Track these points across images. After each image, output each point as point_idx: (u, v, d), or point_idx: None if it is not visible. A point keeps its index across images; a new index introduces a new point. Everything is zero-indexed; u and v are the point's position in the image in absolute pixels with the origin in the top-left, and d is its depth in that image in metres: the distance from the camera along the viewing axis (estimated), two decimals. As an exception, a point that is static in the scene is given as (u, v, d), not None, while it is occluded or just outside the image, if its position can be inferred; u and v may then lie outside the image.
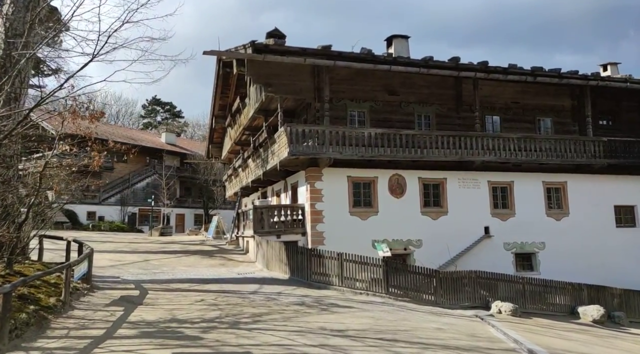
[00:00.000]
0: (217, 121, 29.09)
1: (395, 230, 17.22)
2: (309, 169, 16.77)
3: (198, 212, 50.15)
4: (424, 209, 17.80)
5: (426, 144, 17.03)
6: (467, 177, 18.41)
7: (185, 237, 28.81)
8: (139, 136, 53.21)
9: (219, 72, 24.70)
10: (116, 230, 37.58)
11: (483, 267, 16.98)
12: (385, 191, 17.47)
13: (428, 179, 18.05)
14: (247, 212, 18.22)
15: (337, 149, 15.99)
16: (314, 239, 16.37)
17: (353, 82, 18.21)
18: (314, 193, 16.64)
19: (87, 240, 22.56)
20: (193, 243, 22.35)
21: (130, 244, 20.89)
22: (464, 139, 17.47)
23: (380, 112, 18.41)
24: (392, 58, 16.13)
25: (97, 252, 17.06)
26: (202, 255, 17.32)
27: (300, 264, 13.06)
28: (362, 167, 17.26)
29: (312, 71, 17.69)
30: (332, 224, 16.57)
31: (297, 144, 15.65)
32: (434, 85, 19.17)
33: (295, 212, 17.05)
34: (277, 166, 16.81)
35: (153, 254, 17.41)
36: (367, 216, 17.14)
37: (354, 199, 17.18)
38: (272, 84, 17.01)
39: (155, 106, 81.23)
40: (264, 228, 16.65)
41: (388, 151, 16.56)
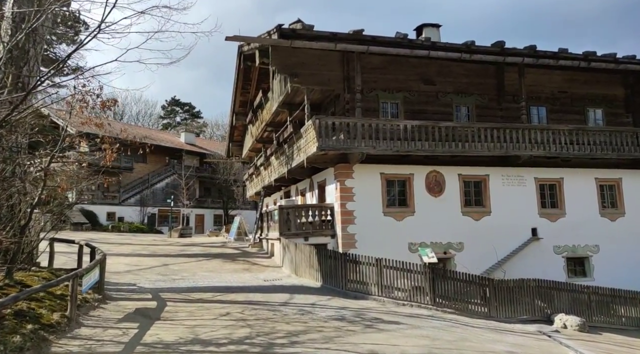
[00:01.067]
0: (238, 118, 27.99)
1: (434, 232, 15.74)
2: (339, 166, 15.41)
3: (218, 213, 49.27)
4: (464, 209, 16.27)
5: (467, 137, 15.50)
6: (511, 174, 16.81)
7: (206, 239, 27.74)
8: (158, 135, 52.60)
9: (239, 67, 23.52)
10: (135, 231, 36.82)
11: (532, 273, 15.42)
12: (422, 190, 16.00)
13: (469, 176, 16.51)
14: (271, 212, 16.95)
15: (370, 144, 14.59)
16: (345, 242, 15.01)
17: (385, 71, 16.78)
18: (345, 192, 15.27)
19: (104, 242, 21.66)
20: (214, 245, 21.21)
21: (148, 247, 19.83)
22: (509, 132, 15.89)
23: (415, 103, 16.93)
24: (430, 43, 14.66)
25: (113, 255, 16.00)
26: (224, 259, 16.11)
27: (334, 270, 11.71)
28: (396, 163, 15.83)
29: (341, 60, 16.33)
30: (364, 225, 15.18)
31: (327, 138, 14.30)
32: (474, 73, 17.61)
33: (324, 213, 15.70)
34: (304, 163, 15.49)
35: (172, 257, 16.27)
36: (402, 217, 15.69)
37: (388, 198, 15.77)
38: (298, 74, 15.70)
39: (174, 106, 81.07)
40: (291, 230, 15.34)
41: (426, 145, 15.08)
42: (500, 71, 17.68)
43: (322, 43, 13.81)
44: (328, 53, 16.16)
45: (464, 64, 17.41)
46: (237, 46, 22.45)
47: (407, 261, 12.11)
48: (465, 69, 17.50)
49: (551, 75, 18.29)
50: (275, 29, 13.66)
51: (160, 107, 77.88)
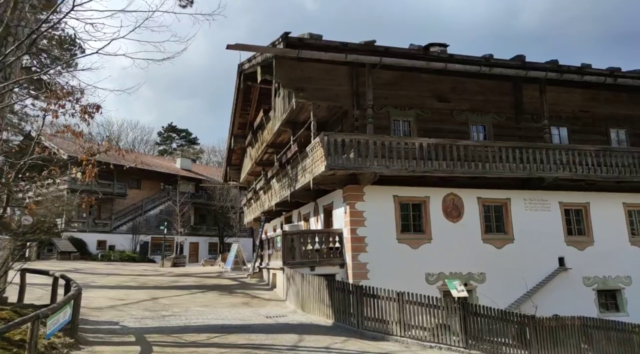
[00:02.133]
0: (236, 140, 26.77)
1: (453, 261, 14.29)
2: (348, 188, 14.07)
3: (213, 241, 47.52)
4: (485, 235, 14.87)
5: (488, 157, 14.24)
6: (534, 197, 15.49)
7: (200, 269, 26.03)
8: (154, 161, 51.29)
9: (239, 87, 22.42)
10: (126, 260, 35.02)
11: (562, 307, 13.99)
12: (439, 214, 14.63)
13: (489, 200, 15.18)
14: (273, 239, 15.46)
15: (383, 163, 13.29)
16: (356, 272, 13.52)
17: (397, 87, 15.64)
18: (355, 216, 13.87)
19: (89, 273, 20.01)
20: (209, 275, 19.57)
21: (138, 278, 18.18)
22: (532, 152, 14.65)
23: (429, 121, 15.73)
24: (447, 55, 13.57)
25: (97, 288, 14.39)
26: (221, 291, 14.52)
27: (348, 306, 10.19)
28: (410, 185, 14.52)
29: (350, 74, 15.21)
30: (376, 253, 13.73)
31: (336, 156, 13.00)
32: (490, 90, 16.51)
33: (331, 239, 14.25)
34: (310, 184, 14.12)
35: (163, 290, 14.66)
36: (418, 244, 14.25)
37: (402, 223, 14.37)
38: (304, 89, 14.53)
39: (171, 132, 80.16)
40: (295, 258, 13.85)
41: (443, 165, 13.80)
42: (517, 88, 16.61)
43: (331, 53, 12.68)
44: (336, 67, 15.07)
45: (479, 81, 16.36)
46: (237, 65, 21.45)
47: (424, 293, 10.56)
48: (480, 86, 16.41)
49: (572, 94, 17.23)
50: (281, 38, 12.55)
51: (156, 133, 76.92)
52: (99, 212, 41.76)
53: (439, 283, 14.09)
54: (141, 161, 46.79)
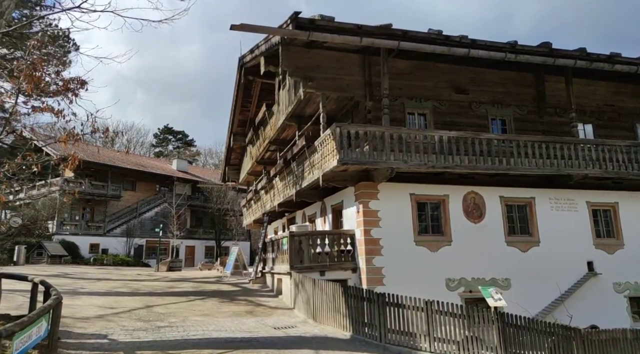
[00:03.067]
0: (236, 139, 25.55)
1: (475, 266, 13.13)
2: (361, 185, 12.90)
3: (209, 244, 46.20)
4: (509, 238, 13.72)
5: (513, 152, 13.11)
6: (560, 196, 14.38)
7: (197, 273, 24.75)
8: (149, 163, 50.00)
9: (239, 81, 21.33)
10: (120, 264, 33.68)
11: (592, 316, 12.94)
12: (459, 214, 13.47)
13: (512, 199, 14.04)
14: (278, 241, 14.25)
15: (400, 157, 12.13)
16: (370, 277, 12.33)
17: (412, 77, 14.51)
18: (369, 216, 12.69)
19: (79, 278, 18.71)
20: (207, 280, 18.31)
21: (130, 283, 16.90)
22: (559, 147, 13.53)
23: (446, 114, 14.60)
24: (469, 40, 12.44)
25: (85, 294, 13.13)
26: (222, 298, 13.28)
27: (368, 316, 8.99)
28: (427, 182, 13.37)
29: (362, 63, 14.08)
30: (392, 257, 12.55)
31: (349, 149, 11.83)
32: (510, 82, 15.42)
33: (343, 241, 13.06)
34: (320, 181, 12.95)
35: (158, 296, 13.40)
36: (437, 247, 13.09)
37: (420, 224, 13.21)
38: (312, 78, 13.37)
39: (167, 134, 78.96)
40: (304, 262, 12.64)
41: (465, 160, 12.65)
42: (540, 80, 15.52)
43: (345, 36, 11.50)
44: (346, 55, 13.95)
45: (499, 72, 15.28)
46: (237, 58, 20.37)
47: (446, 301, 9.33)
48: (500, 77, 15.32)
49: (596, 87, 16.17)
50: (291, 20, 11.38)
51: (152, 135, 75.65)
52: (92, 214, 40.39)
53: (461, 290, 12.93)
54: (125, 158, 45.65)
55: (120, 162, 42.68)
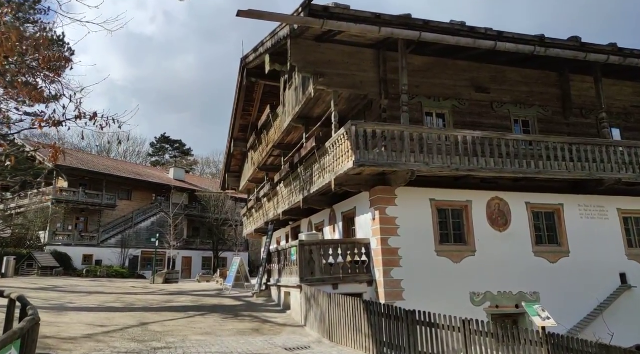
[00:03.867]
0: (236, 144, 24.50)
1: (501, 278, 12.04)
2: (377, 190, 11.83)
3: (207, 255, 44.90)
4: (537, 247, 12.65)
5: (541, 155, 12.09)
6: (589, 203, 13.35)
7: (196, 285, 23.49)
8: (146, 171, 48.85)
9: (241, 83, 20.32)
10: (114, 276, 32.36)
11: (629, 334, 11.82)
12: (483, 222, 12.41)
13: (538, 206, 13.00)
14: (285, 251, 13.12)
15: (422, 159, 11.08)
16: (389, 291, 11.21)
17: (430, 75, 13.53)
18: (386, 223, 11.60)
19: (69, 291, 17.46)
20: (207, 294, 17.10)
21: (124, 297, 15.68)
22: (590, 149, 12.53)
23: (466, 114, 13.61)
24: (495, 32, 11.47)
25: (73, 311, 11.93)
26: (224, 314, 12.09)
27: (396, 337, 7.86)
28: (448, 187, 12.33)
29: (376, 58, 13.10)
30: (412, 268, 11.45)
31: (366, 150, 10.78)
32: (533, 81, 14.47)
33: (357, 251, 11.94)
34: (332, 185, 11.87)
35: (154, 312, 12.20)
36: (460, 258, 11.99)
37: (441, 232, 12.12)
38: (324, 74, 12.36)
39: (164, 144, 78.01)
40: (315, 274, 11.51)
41: (491, 162, 11.61)
42: (564, 79, 14.59)
43: (362, 26, 10.49)
44: (360, 50, 12.98)
45: (521, 70, 14.35)
46: (240, 59, 19.41)
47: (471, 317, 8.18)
48: (523, 75, 14.38)
49: (622, 87, 15.26)
50: (302, 7, 10.37)
51: (149, 144, 74.61)
52: (86, 224, 39.10)
53: (486, 304, 11.81)
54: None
55: (115, 170, 41.53)
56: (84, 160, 41.69)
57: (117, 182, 40.17)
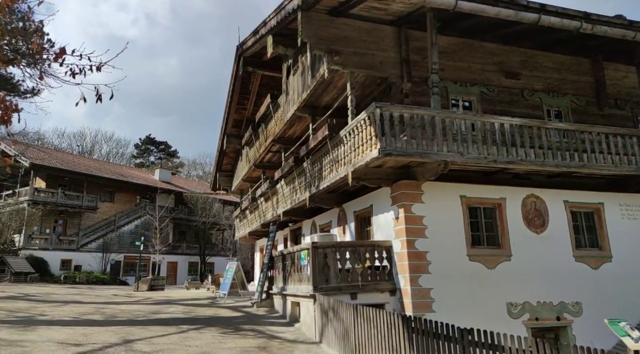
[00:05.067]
0: (229, 141, 22.83)
1: (540, 286, 10.58)
2: (401, 184, 10.28)
3: (193, 260, 42.88)
4: (577, 251, 11.23)
5: (585, 147, 10.70)
6: (631, 202, 12.01)
7: (184, 293, 21.64)
8: (130, 172, 46.67)
9: (236, 73, 18.75)
10: (94, 282, 30.27)
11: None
12: (519, 222, 10.95)
13: (577, 205, 11.61)
14: (293, 255, 11.47)
15: (455, 149, 9.58)
16: (417, 302, 9.65)
17: (456, 57, 12.09)
18: (412, 223, 10.05)
19: (40, 300, 15.49)
20: (199, 303, 15.33)
21: (105, 307, 13.83)
22: (637, 141, 11.18)
23: (495, 102, 12.19)
24: (538, 4, 10.06)
25: (45, 325, 10.10)
26: (222, 327, 10.37)
27: (448, 361, 6.27)
28: (477, 182, 10.85)
29: (397, 37, 11.63)
30: (442, 275, 9.92)
31: (392, 137, 9.24)
32: (565, 68, 13.15)
33: (378, 255, 10.37)
34: (349, 179, 10.29)
35: (140, 326, 10.43)
36: (494, 263, 10.50)
37: (472, 233, 10.62)
38: (339, 52, 10.80)
39: (148, 145, 75.70)
40: (330, 282, 9.89)
41: (531, 154, 10.16)
42: (598, 66, 13.31)
43: (391, -9, 9.02)
44: (378, 27, 11.50)
45: (552, 55, 13.03)
46: (236, 46, 17.80)
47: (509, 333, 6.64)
48: (554, 61, 13.05)
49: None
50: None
51: (133, 146, 72.27)
52: (64, 227, 36.82)
53: (525, 317, 10.33)
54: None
55: (97, 171, 39.38)
56: (63, 160, 39.48)
57: (98, 183, 38.05)
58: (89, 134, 67.99)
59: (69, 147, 62.17)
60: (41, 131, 62.36)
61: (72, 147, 62.60)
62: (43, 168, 34.76)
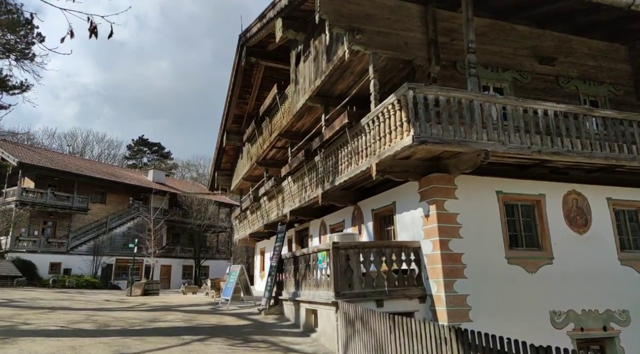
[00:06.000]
0: (229, 137, 21.69)
1: (584, 292, 9.50)
2: (432, 178, 9.17)
3: (187, 263, 41.48)
4: (622, 254, 10.18)
5: (634, 137, 9.67)
6: (677, 199, 10.97)
7: (181, 298, 20.36)
8: (122, 173, 45.19)
9: (238, 65, 17.66)
10: (85, 286, 28.84)
11: None
12: (560, 221, 9.88)
13: (620, 203, 10.56)
14: (307, 257, 10.30)
15: (496, 137, 8.49)
16: (452, 310, 8.52)
17: (486, 40, 11.03)
18: (445, 221, 8.94)
19: (25, 306, 14.17)
20: (200, 309, 14.09)
21: (97, 315, 12.56)
22: (687, 132, 10.16)
23: (529, 89, 11.13)
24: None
25: (29, 336, 8.85)
26: (230, 339, 9.17)
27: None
28: (513, 176, 9.78)
29: (423, 16, 10.53)
30: (478, 280, 8.82)
31: (427, 123, 8.14)
32: (601, 54, 12.16)
33: (405, 257, 9.24)
34: (373, 172, 9.16)
35: (137, 337, 9.21)
36: (536, 266, 9.40)
37: (510, 233, 9.53)
38: (362, 30, 9.70)
39: (141, 146, 74.21)
40: (353, 287, 8.73)
41: (578, 144, 9.11)
42: (635, 53, 12.33)
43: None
44: (403, 5, 10.41)
45: (586, 40, 12.05)
46: (239, 36, 16.71)
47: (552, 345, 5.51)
48: (589, 47, 12.05)
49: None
50: None
51: (125, 147, 70.74)
52: (54, 229, 35.30)
53: (570, 327, 9.23)
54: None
55: (88, 171, 37.91)
56: (53, 159, 37.99)
57: (90, 183, 36.60)
58: (80, 134, 66.30)
59: (59, 148, 60.58)
60: (31, 132, 60.70)
61: (63, 148, 61.00)
62: (32, 167, 33.30)
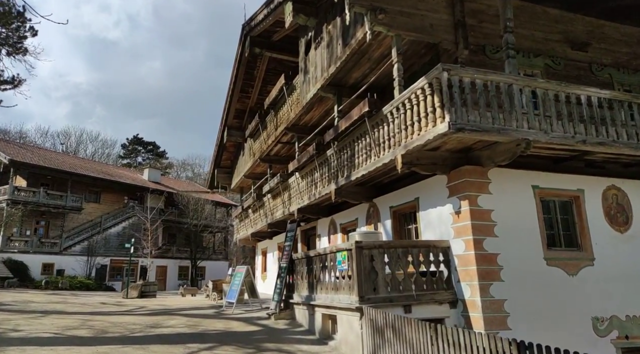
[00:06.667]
0: (230, 133, 20.81)
1: (627, 296, 8.74)
2: (463, 171, 8.36)
3: (183, 264, 40.50)
4: (666, 253, 9.39)
5: (680, 126, 8.90)
6: None
7: (181, 300, 19.42)
8: (117, 172, 44.14)
9: (241, 56, 16.84)
10: (79, 288, 27.84)
11: None
12: (600, 219, 9.10)
13: (661, 198, 9.78)
14: (323, 257, 9.44)
15: (537, 125, 7.68)
16: (489, 316, 7.69)
17: (516, 23, 9.96)
18: (478, 218, 8.11)
19: (16, 310, 13.22)
20: (202, 313, 13.19)
21: (93, 319, 11.63)
22: None
23: (562, 76, 10.31)
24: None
25: (17, 345, 7.91)
26: (241, 347, 8.29)
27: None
28: (548, 170, 8.98)
29: (450, -3, 9.70)
30: (515, 282, 8.01)
31: (464, 108, 7.32)
32: (634, 41, 11.39)
33: (433, 258, 8.41)
34: (398, 165, 8.32)
35: (137, 345, 8.31)
36: (576, 268, 8.60)
37: (547, 232, 8.72)
38: (384, 10, 8.86)
39: (136, 145, 73.10)
40: (379, 291, 7.88)
41: (623, 134, 8.32)
42: (668, 41, 11.56)
43: None
44: (428, -15, 9.56)
45: (619, 26, 11.30)
46: (242, 25, 15.87)
47: None
48: (622, 33, 11.28)
49: None
50: None
51: (120, 146, 69.62)
52: (46, 229, 34.24)
53: (614, 334, 8.44)
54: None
55: (82, 169, 36.86)
56: (46, 157, 36.92)
57: (84, 182, 35.57)
58: (73, 133, 64.99)
59: (52, 146, 59.37)
60: (24, 130, 59.57)
61: (56, 147, 59.80)
62: (24, 165, 32.25)
